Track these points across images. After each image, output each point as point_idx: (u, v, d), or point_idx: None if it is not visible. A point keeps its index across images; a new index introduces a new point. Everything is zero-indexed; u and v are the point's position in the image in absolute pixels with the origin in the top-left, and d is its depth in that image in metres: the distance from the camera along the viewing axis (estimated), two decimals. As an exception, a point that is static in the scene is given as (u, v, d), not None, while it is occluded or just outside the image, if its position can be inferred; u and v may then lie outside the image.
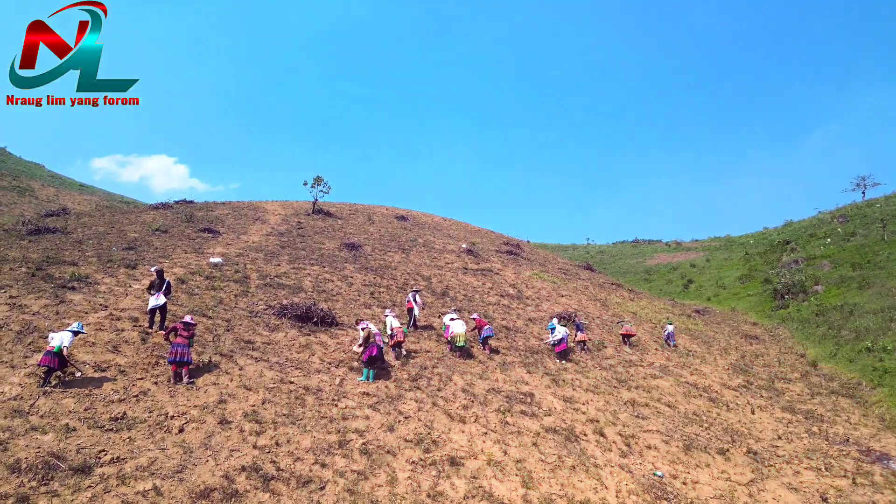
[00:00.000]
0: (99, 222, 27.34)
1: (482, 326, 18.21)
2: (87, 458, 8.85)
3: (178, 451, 9.45)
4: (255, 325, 15.94)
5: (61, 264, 17.81)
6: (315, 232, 31.49)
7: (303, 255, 25.01)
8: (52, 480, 8.21)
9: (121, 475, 8.55)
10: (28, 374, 11.08)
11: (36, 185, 70.05)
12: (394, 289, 22.84)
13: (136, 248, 21.79)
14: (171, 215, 30.72)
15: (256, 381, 12.54)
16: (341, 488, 9.29)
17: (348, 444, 10.70)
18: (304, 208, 39.19)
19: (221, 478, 8.89)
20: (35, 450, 8.82)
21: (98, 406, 10.45)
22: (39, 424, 9.53)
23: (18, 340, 12.38)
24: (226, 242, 25.52)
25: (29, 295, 14.79)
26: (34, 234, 23.26)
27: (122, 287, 16.82)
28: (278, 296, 18.74)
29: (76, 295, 15.44)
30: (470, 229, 47.78)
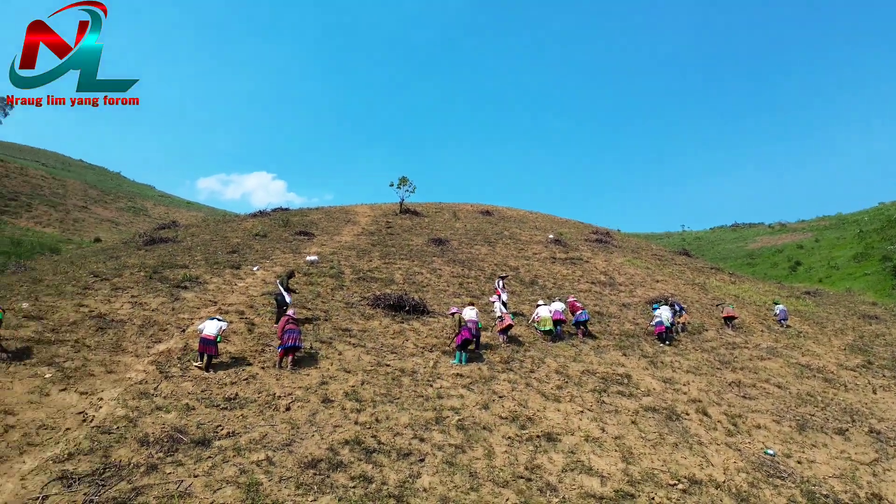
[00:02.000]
0: (205, 231, 29.28)
1: (577, 310, 17.97)
2: (205, 432, 9.56)
3: (286, 427, 10.00)
4: (351, 314, 16.57)
5: (174, 268, 19.26)
6: (403, 230, 32.19)
7: (392, 252, 25.65)
8: (177, 452, 8.92)
9: (236, 447, 9.17)
10: (150, 361, 12.10)
11: (148, 204, 75.86)
12: (482, 279, 22.98)
13: (239, 252, 23.18)
14: (269, 221, 32.39)
15: (355, 365, 13.05)
16: (440, 460, 9.49)
17: (444, 421, 10.92)
18: (391, 209, 40.14)
19: (326, 450, 9.33)
20: (160, 426, 9.63)
21: (213, 388, 11.26)
22: (163, 404, 10.39)
23: (141, 333, 13.55)
24: (320, 243, 26.64)
25: (148, 294, 16.12)
26: (149, 244, 25.26)
27: (228, 285, 17.98)
28: (371, 288, 19.35)
29: (188, 293, 16.68)
30: (556, 221, 47.17)
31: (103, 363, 11.75)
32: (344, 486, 8.39)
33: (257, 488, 8.07)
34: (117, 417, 9.72)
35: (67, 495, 7.64)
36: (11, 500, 7.50)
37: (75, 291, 15.97)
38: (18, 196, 61.44)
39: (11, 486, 7.80)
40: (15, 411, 9.68)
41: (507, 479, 9.27)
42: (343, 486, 8.36)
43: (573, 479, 9.64)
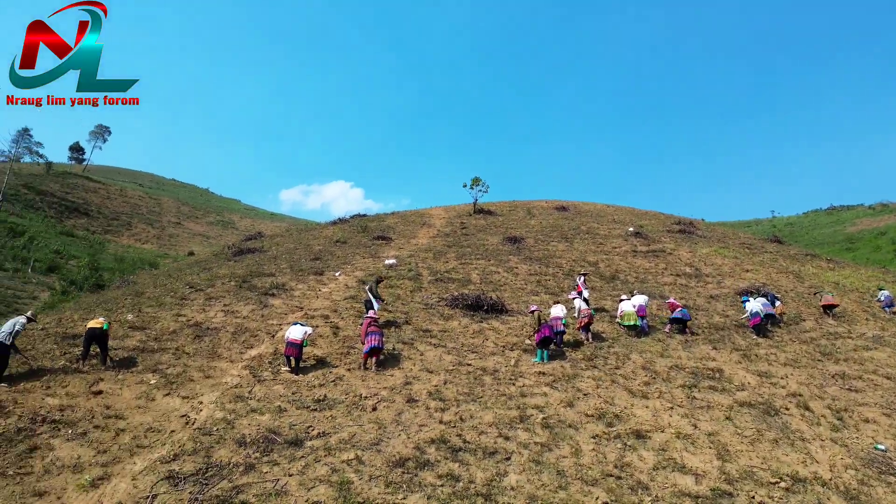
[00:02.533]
0: (289, 240, 30.45)
1: (675, 308, 17.27)
2: (297, 433, 9.93)
3: (373, 427, 10.23)
4: (430, 315, 16.75)
5: (262, 276, 20.13)
6: (478, 230, 32.25)
7: (468, 252, 25.74)
8: (272, 452, 9.31)
9: (327, 447, 9.46)
10: (244, 366, 12.70)
11: (235, 217, 79.64)
12: (560, 276, 22.66)
13: (321, 258, 23.94)
14: (348, 228, 33.29)
15: (437, 365, 13.19)
16: (526, 459, 9.43)
17: (529, 419, 10.83)
18: (465, 210, 40.30)
19: (413, 449, 9.47)
20: (256, 427, 10.08)
21: (303, 390, 11.68)
22: (257, 407, 10.87)
23: (234, 339, 14.24)
24: (398, 246, 27.11)
25: (238, 303, 16.92)
26: (238, 255, 26.53)
27: (313, 291, 18.60)
28: (449, 289, 19.49)
29: (276, 300, 17.38)
30: (636, 213, 45.85)
31: (201, 369, 12.43)
32: (432, 484, 8.48)
33: (348, 487, 8.29)
34: (216, 420, 10.25)
35: (175, 494, 8.12)
36: (125, 499, 8.05)
37: (174, 302, 16.98)
38: (120, 216, 65.99)
39: (124, 485, 8.37)
40: (125, 416, 10.40)
41: (595, 477, 9.09)
42: (431, 485, 8.46)
43: (665, 477, 9.33)
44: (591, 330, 15.88)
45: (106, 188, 74.80)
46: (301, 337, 12.55)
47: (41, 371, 11.95)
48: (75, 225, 57.21)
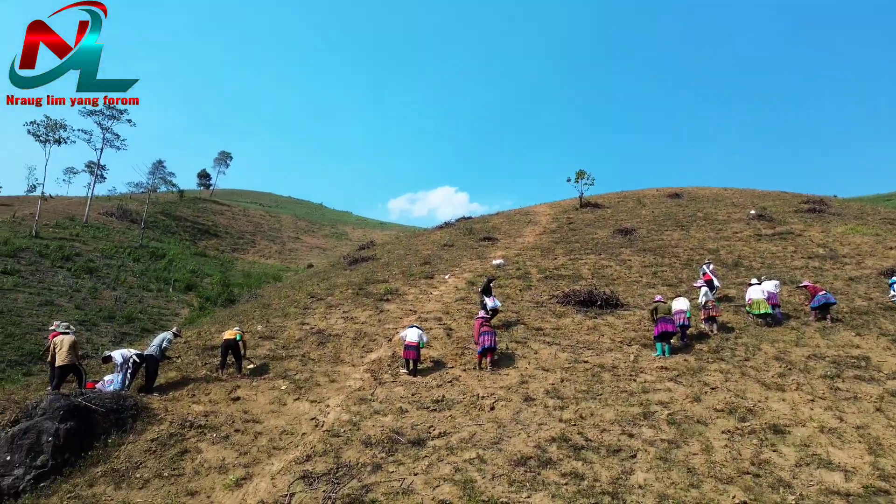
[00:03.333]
0: (398, 247, 31.33)
1: (816, 293, 15.82)
2: (420, 433, 10.19)
3: (492, 426, 10.29)
4: (542, 313, 16.59)
5: (376, 283, 20.84)
6: (585, 224, 31.53)
7: (577, 247, 25.23)
8: (396, 452, 9.61)
9: (449, 446, 9.63)
10: (365, 370, 13.21)
11: (348, 229, 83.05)
12: (677, 266, 21.64)
13: (430, 262, 24.41)
14: (455, 231, 33.71)
15: (552, 363, 13.03)
16: (653, 456, 9.08)
17: (653, 416, 10.43)
18: (571, 205, 39.52)
19: (534, 447, 9.41)
20: (380, 428, 10.45)
21: (421, 391, 11.97)
22: (380, 408, 11.27)
23: (354, 344, 14.85)
24: (504, 246, 27.10)
25: (356, 309, 17.63)
26: (353, 263, 27.67)
27: (424, 294, 19.02)
28: (559, 286, 19.20)
29: (390, 305, 17.94)
30: (757, 194, 42.84)
31: (326, 374, 13.08)
32: (556, 483, 8.39)
33: (472, 485, 8.38)
34: (343, 422, 10.74)
35: (310, 493, 8.59)
36: (266, 498, 8.62)
37: (297, 312, 17.98)
38: (244, 235, 70.88)
39: (265, 485, 8.96)
40: (261, 419, 11.15)
41: (730, 474, 8.58)
42: (555, 483, 8.36)
43: (809, 474, 8.64)
44: (717, 321, 14.98)
45: (231, 210, 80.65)
46: (417, 339, 12.87)
47: (186, 380, 13.08)
48: (207, 245, 62.10)
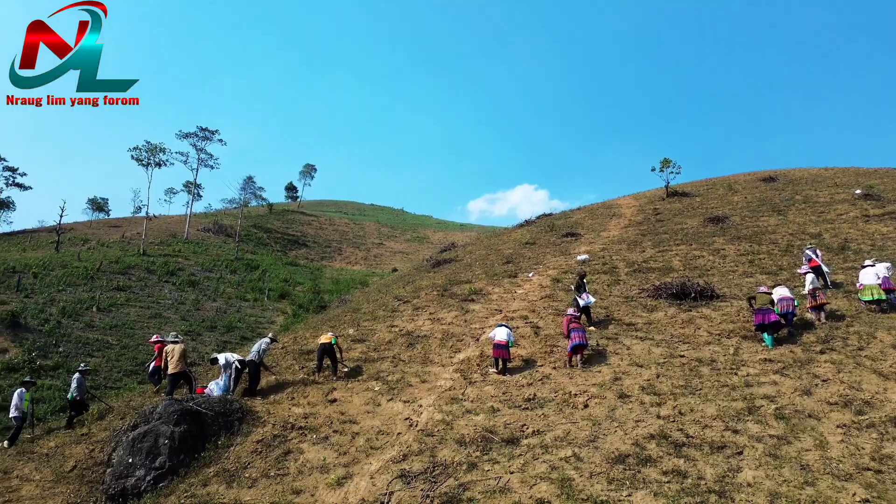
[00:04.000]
0: (480, 247, 31.39)
1: None
2: (513, 432, 10.16)
3: (587, 424, 10.10)
4: (632, 308, 16.13)
5: (460, 284, 20.98)
6: (673, 214, 30.41)
7: (665, 238, 24.36)
8: (491, 450, 9.62)
9: (543, 445, 9.54)
10: (455, 370, 13.32)
11: (429, 232, 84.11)
12: (776, 253, 20.44)
13: (513, 261, 24.31)
14: (535, 229, 33.40)
15: (646, 358, 12.64)
16: (761, 453, 8.62)
17: (759, 411, 9.90)
18: (656, 195, 38.23)
19: (632, 445, 9.16)
20: (472, 427, 10.50)
21: (512, 390, 11.93)
22: (472, 408, 11.33)
23: (442, 345, 15.01)
24: (588, 241, 26.57)
25: (442, 310, 17.81)
26: (435, 266, 27.98)
27: (509, 294, 18.95)
28: (649, 279, 18.60)
29: (475, 305, 18.00)
30: (862, 173, 39.80)
31: (417, 374, 13.29)
32: (657, 480, 8.12)
33: (570, 484, 8.26)
34: (436, 421, 10.87)
35: (408, 491, 8.74)
36: (367, 496, 8.85)
37: (386, 315, 18.39)
38: (331, 243, 73.28)
39: (364, 484, 9.21)
40: (357, 420, 11.47)
41: (849, 471, 8.01)
42: (656, 481, 8.10)
43: (943, 472, 7.93)
44: (824, 310, 14.02)
45: (318, 220, 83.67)
46: (506, 338, 12.85)
47: (285, 384, 13.66)
48: (297, 255, 64.72)
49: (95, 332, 32.15)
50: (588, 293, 15.48)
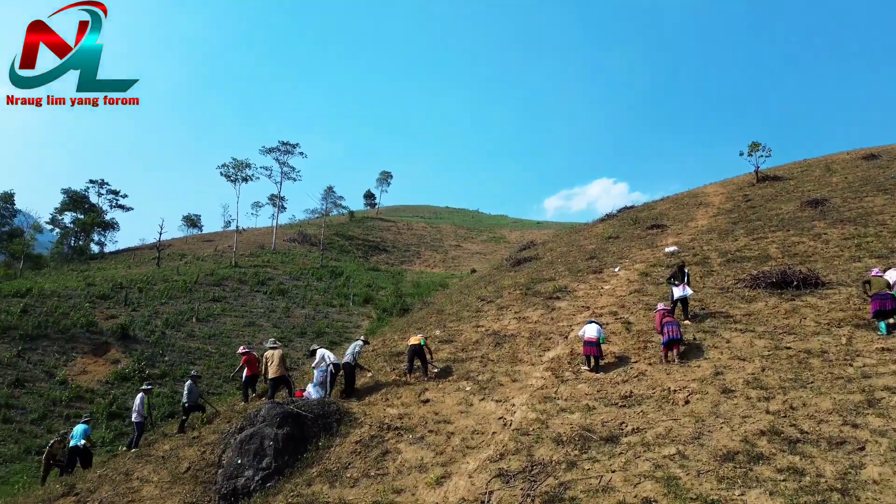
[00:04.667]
0: (560, 244, 30.96)
1: None
2: (611, 430, 9.92)
3: (689, 420, 9.72)
4: (728, 299, 15.41)
5: (543, 282, 20.76)
6: (766, 199, 28.84)
7: (759, 225, 23.14)
8: (589, 449, 9.44)
9: (644, 443, 9.26)
10: (545, 368, 13.18)
11: (505, 232, 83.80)
12: (885, 235, 18.95)
13: (597, 257, 23.80)
14: (618, 223, 32.57)
15: (748, 351, 12.03)
16: (886, 448, 7.99)
17: (880, 403, 9.19)
18: (745, 181, 36.38)
19: (741, 442, 8.74)
20: (569, 426, 10.34)
21: (607, 388, 11.66)
22: (566, 406, 11.16)
23: (530, 344, 14.89)
24: (675, 232, 25.65)
25: (527, 309, 17.67)
26: (516, 265, 27.85)
27: (595, 290, 18.56)
28: (744, 268, 17.70)
29: (561, 302, 17.74)
30: (978, 143, 36.41)
31: (507, 374, 13.24)
32: (772, 479, 7.70)
33: (676, 482, 7.97)
34: (530, 420, 10.78)
35: (508, 490, 8.72)
36: (466, 495, 8.89)
37: (471, 315, 18.45)
38: (410, 247, 74.35)
39: (463, 483, 9.26)
40: (451, 420, 11.55)
41: None
42: (771, 480, 7.68)
43: None
44: None
45: (396, 225, 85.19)
46: (597, 335, 12.58)
47: (378, 385, 13.97)
48: (378, 260, 66.14)
49: (196, 342, 34.11)
50: (686, 284, 14.80)
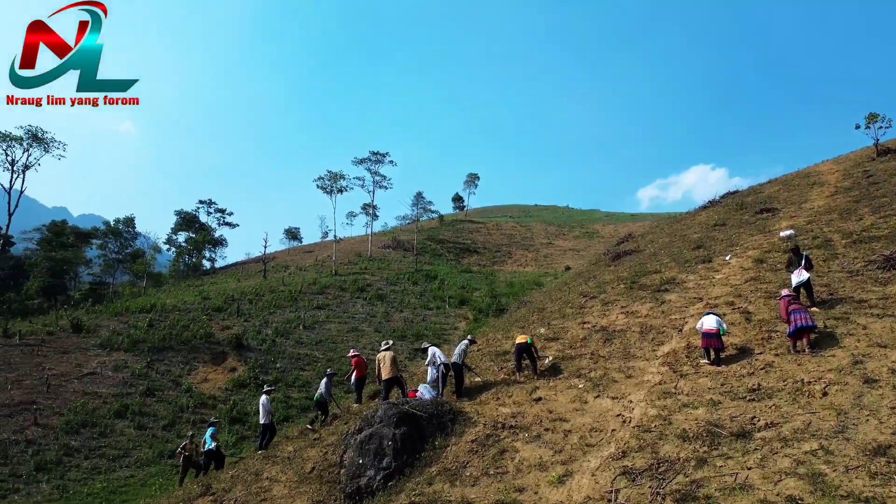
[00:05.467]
0: (661, 235, 29.82)
1: None
2: (742, 425, 9.38)
3: (830, 414, 9.03)
4: (858, 283, 14.23)
5: (648, 274, 20.05)
6: (889, 174, 26.42)
7: (885, 203, 21.24)
8: (720, 445, 8.97)
9: (781, 438, 8.69)
10: (661, 363, 12.69)
11: (598, 226, 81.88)
12: None
13: (703, 246, 22.71)
14: (722, 209, 30.96)
15: (889, 337, 11.02)
16: None
17: None
18: (864, 156, 33.56)
19: (893, 434, 8.02)
20: (693, 421, 9.88)
21: (731, 381, 11.06)
22: (688, 401, 10.68)
23: (642, 338, 14.41)
24: (788, 215, 24.05)
25: (635, 303, 17.12)
26: (615, 259, 27.10)
27: (706, 280, 17.70)
28: (874, 249, 16.29)
29: (671, 295, 17.05)
30: None
31: (620, 370, 12.86)
32: (937, 475, 7.02)
33: (822, 479, 7.42)
34: (651, 417, 10.41)
35: (635, 489, 8.44)
36: (591, 494, 8.70)
37: (574, 312, 18.12)
38: (500, 247, 74.24)
39: (586, 481, 9.07)
40: (567, 418, 11.36)
41: None
42: (936, 476, 7.00)
43: None
44: None
45: (485, 226, 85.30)
46: (716, 326, 11.97)
47: (488, 385, 13.99)
48: (470, 262, 66.49)
49: (304, 348, 35.61)
50: (805, 268, 13.78)
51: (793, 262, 14.07)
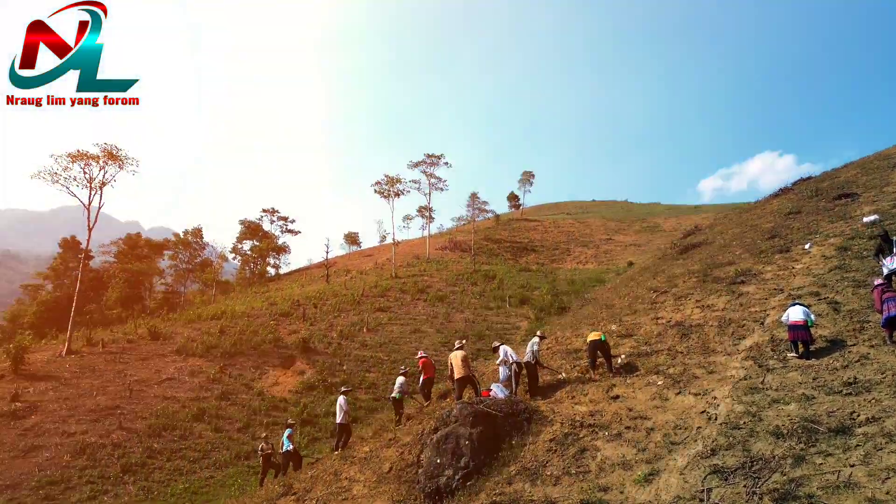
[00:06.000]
0: (731, 226, 28.76)
1: None
2: (840, 420, 8.89)
3: (940, 407, 8.47)
4: (959, 268, 13.30)
5: (720, 266, 19.36)
6: (983, 151, 24.72)
7: (982, 181, 19.85)
8: (818, 442, 8.52)
9: (885, 433, 8.17)
10: (744, 357, 12.19)
11: (659, 220, 79.84)
12: None
13: (779, 235, 21.75)
14: (795, 196, 29.59)
15: None
16: None
17: None
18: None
19: None
20: (786, 417, 9.43)
21: (823, 375, 10.51)
22: (778, 397, 10.21)
23: (721, 332, 13.89)
24: (870, 200, 22.73)
25: (710, 296, 16.55)
26: (683, 252, 26.30)
27: (786, 270, 16.93)
28: (974, 231, 15.23)
29: (748, 287, 16.39)
30: None
31: (701, 365, 12.43)
32: None
33: (937, 477, 6.95)
34: (738, 413, 10.00)
35: (728, 488, 8.11)
36: (680, 493, 8.41)
37: (645, 308, 17.67)
38: (558, 245, 73.33)
39: (675, 480, 8.78)
40: (647, 416, 11.06)
41: None
42: None
43: None
44: None
45: (542, 224, 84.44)
46: (804, 318, 11.40)
47: (561, 383, 13.78)
48: (528, 261, 65.91)
49: (368, 350, 36.09)
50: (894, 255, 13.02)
51: (882, 248, 13.31)
